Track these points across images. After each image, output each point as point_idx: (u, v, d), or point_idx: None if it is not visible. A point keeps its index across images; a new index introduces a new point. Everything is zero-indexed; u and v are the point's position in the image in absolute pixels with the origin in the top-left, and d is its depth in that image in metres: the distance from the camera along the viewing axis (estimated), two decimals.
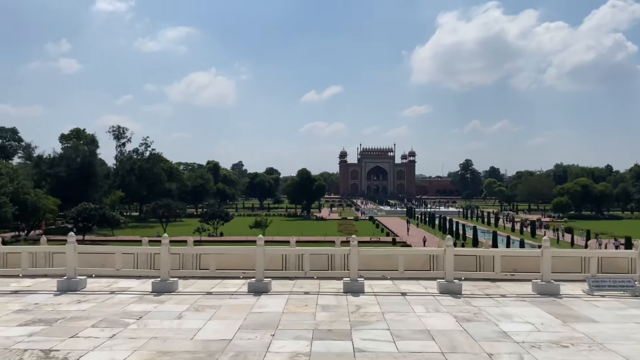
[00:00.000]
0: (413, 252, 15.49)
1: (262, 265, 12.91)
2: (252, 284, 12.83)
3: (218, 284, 13.53)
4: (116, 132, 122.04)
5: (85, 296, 11.86)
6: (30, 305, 10.82)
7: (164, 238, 12.98)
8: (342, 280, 12.99)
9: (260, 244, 13.36)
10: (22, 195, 77.68)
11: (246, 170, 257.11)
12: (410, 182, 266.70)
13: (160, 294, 12.23)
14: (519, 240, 60.40)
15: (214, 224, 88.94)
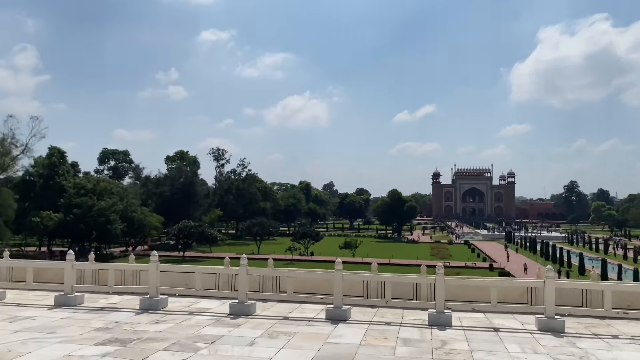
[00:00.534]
0: (508, 283, 13.89)
1: (340, 291, 12.29)
2: (329, 311, 12.24)
3: (297, 308, 13.11)
4: (216, 153, 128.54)
5: (165, 316, 11.94)
6: (111, 323, 11.05)
7: (242, 259, 12.80)
8: (427, 312, 12.03)
9: (338, 269, 12.70)
10: (130, 213, 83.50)
11: (337, 190, 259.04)
12: (509, 205, 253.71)
13: (237, 317, 12.01)
14: (632, 269, 54.58)
15: (305, 243, 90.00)
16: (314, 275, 14.70)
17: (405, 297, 13.81)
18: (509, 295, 13.76)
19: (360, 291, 14.35)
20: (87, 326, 10.64)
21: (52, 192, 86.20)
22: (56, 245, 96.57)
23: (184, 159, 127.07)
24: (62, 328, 10.63)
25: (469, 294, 13.65)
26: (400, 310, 13.02)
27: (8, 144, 75.54)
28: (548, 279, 11.97)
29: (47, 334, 10.15)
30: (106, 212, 78.41)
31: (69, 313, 12.05)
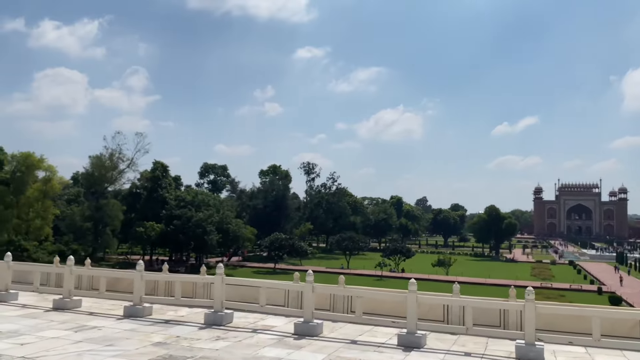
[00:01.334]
0: (614, 314, 11.78)
1: (414, 315, 11.20)
2: (402, 336, 11.16)
3: (367, 331, 12.18)
4: (306, 167, 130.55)
5: (227, 332, 11.53)
6: (171, 338, 10.82)
7: (308, 275, 12.13)
8: (515, 343, 10.57)
9: (412, 289, 11.58)
10: (225, 225, 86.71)
11: (430, 206, 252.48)
12: (620, 223, 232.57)
13: (301, 338, 11.28)
14: None
15: (395, 260, 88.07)
16: (385, 297, 13.47)
17: (491, 324, 12.33)
18: (616, 328, 11.79)
19: (440, 315, 13.04)
20: (146, 340, 10.48)
21: (156, 203, 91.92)
22: (158, 255, 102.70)
23: (277, 173, 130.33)
24: (122, 340, 10.56)
25: (566, 324, 11.89)
26: (485, 339, 11.63)
27: (116, 159, 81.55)
28: None
29: (105, 346, 10.11)
30: (203, 224, 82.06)
31: (134, 324, 12.03)
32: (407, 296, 11.50)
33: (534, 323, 10.56)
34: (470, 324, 11.45)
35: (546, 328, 11.74)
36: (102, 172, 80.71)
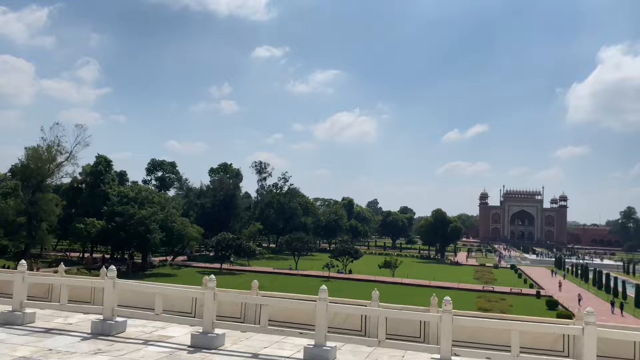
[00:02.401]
0: (534, 327, 10.93)
1: (323, 326, 10.28)
2: (308, 350, 10.17)
3: (276, 343, 11.29)
4: (258, 167, 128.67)
5: (112, 344, 10.30)
6: (41, 351, 9.45)
7: (210, 280, 11.08)
8: (430, 356, 9.97)
9: (322, 297, 10.57)
10: (169, 223, 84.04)
11: (381, 208, 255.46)
12: (560, 229, 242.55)
13: (197, 351, 10.15)
14: None
15: (344, 261, 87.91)
16: (295, 305, 12.44)
17: (411, 335, 11.71)
18: (540, 341, 11.47)
19: (358, 326, 12.28)
20: (8, 354, 9.08)
21: (97, 199, 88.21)
22: (99, 252, 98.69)
23: (228, 172, 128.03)
24: None
25: (489, 337, 11.40)
26: (402, 352, 10.95)
27: (54, 151, 77.54)
28: (588, 325, 9.33)
29: None
30: (146, 221, 79.20)
31: (4, 334, 10.58)
32: (317, 304, 10.55)
33: (450, 336, 9.90)
34: (383, 336, 10.62)
35: (470, 340, 11.24)
36: (38, 164, 76.49)
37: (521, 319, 11.88)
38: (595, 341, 9.30)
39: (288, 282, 71.53)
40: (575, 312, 11.08)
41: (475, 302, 58.61)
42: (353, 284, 72.80)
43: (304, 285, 69.40)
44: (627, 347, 11.16)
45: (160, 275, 76.08)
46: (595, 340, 9.30)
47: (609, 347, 10.79)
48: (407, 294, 64.51)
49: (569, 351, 11.55)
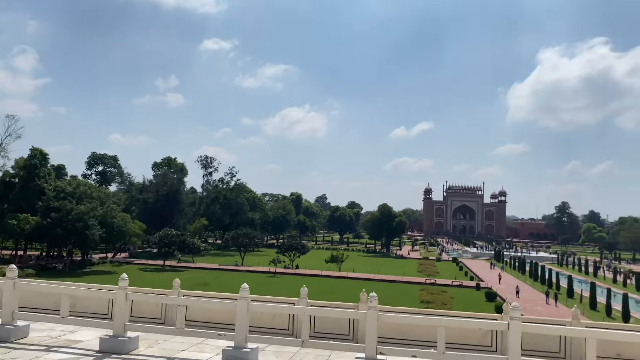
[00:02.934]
0: (461, 323, 10.79)
1: (244, 326, 9.67)
2: (227, 352, 9.57)
3: (196, 345, 10.69)
4: (204, 161, 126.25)
5: (10, 352, 9.42)
6: None
7: (122, 279, 10.40)
8: (355, 357, 9.65)
9: (243, 296, 9.95)
10: (109, 219, 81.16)
11: (329, 203, 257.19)
12: (499, 224, 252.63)
13: (106, 356, 9.46)
14: (622, 293, 53.00)
15: (291, 256, 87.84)
16: (215, 305, 11.71)
17: (340, 333, 11.50)
18: (469, 336, 11.41)
19: (285, 324, 11.90)
20: None
21: (32, 194, 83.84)
22: (34, 250, 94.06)
23: (171, 166, 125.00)
24: None
25: (417, 333, 11.29)
26: (328, 352, 10.69)
27: None
28: (513, 320, 9.23)
29: None
30: (84, 217, 76.12)
31: None
32: (237, 303, 9.95)
33: (375, 334, 9.57)
34: (306, 336, 10.16)
35: (401, 337, 11.19)
36: None
37: (449, 315, 11.95)
38: (520, 336, 9.27)
39: (233, 279, 70.71)
40: (504, 306, 10.96)
41: (418, 294, 60.04)
42: (299, 279, 72.79)
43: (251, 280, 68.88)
44: (553, 341, 11.29)
45: (100, 273, 73.45)
46: (520, 335, 9.28)
47: (536, 342, 10.93)
48: (353, 288, 65.19)
49: (497, 346, 11.56)
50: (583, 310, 54.69)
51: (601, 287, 64.57)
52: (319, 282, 70.24)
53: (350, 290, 62.87)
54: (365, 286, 67.32)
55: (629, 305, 48.23)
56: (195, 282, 64.42)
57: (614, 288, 73.34)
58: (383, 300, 42.05)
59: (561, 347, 11.23)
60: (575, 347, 11.05)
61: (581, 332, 10.52)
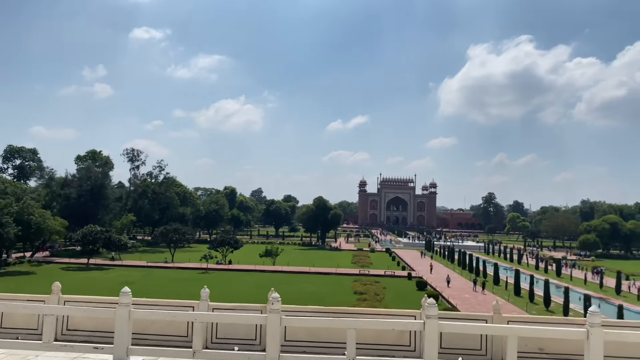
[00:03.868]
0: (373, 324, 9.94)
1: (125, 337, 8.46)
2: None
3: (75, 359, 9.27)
4: (130, 154, 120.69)
5: None
6: None
7: None
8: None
9: (124, 302, 8.71)
10: (26, 216, 75.71)
11: (265, 197, 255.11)
12: (430, 214, 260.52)
13: None
14: (543, 279, 55.50)
15: (223, 251, 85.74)
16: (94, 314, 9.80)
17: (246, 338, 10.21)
18: (384, 336, 10.58)
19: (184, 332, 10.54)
20: None
21: None
22: None
23: (96, 160, 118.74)
24: None
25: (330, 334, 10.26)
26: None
27: None
28: (429, 319, 8.60)
29: None
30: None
31: None
32: (117, 311, 8.66)
33: (278, 340, 8.73)
34: (199, 345, 8.97)
35: (312, 340, 10.21)
36: None
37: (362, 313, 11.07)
38: (437, 336, 8.74)
39: (163, 276, 68.08)
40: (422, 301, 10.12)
41: (352, 286, 60.17)
42: (232, 275, 71.29)
43: (182, 277, 66.55)
44: (474, 338, 10.71)
45: (16, 274, 68.42)
46: (437, 335, 8.74)
47: (456, 339, 10.30)
48: (286, 281, 64.54)
49: (415, 346, 10.93)
50: (508, 296, 56.83)
51: (525, 274, 67.47)
52: (252, 277, 68.94)
53: (283, 284, 62.08)
54: (300, 279, 67.01)
55: (549, 291, 50.48)
56: (121, 281, 61.31)
57: (537, 274, 77.16)
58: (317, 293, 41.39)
59: (482, 344, 10.63)
60: (497, 344, 10.49)
61: (501, 330, 10.01)
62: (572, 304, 48.79)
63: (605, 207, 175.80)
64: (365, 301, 49.03)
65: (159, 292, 53.53)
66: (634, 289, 64.68)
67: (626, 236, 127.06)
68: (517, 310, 48.63)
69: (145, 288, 56.59)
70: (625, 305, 49.63)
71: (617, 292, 61.92)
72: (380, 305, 46.96)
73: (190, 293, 54.47)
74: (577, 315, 45.44)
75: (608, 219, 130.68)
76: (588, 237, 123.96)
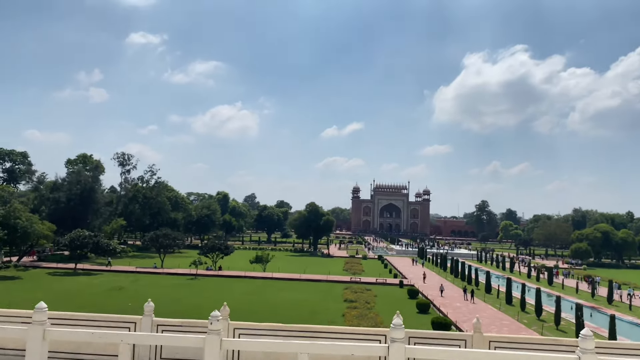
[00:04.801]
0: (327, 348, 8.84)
1: None
2: None
3: None
4: (121, 158, 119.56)
5: None
6: None
7: None
8: None
9: (38, 320, 7.74)
10: (12, 220, 74.57)
11: (259, 202, 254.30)
12: (424, 221, 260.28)
13: None
14: (535, 288, 54.94)
15: (213, 257, 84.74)
16: None
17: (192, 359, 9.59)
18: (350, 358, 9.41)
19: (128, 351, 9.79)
20: None
21: None
22: None
23: (87, 163, 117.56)
24: None
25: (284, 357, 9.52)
26: None
27: None
28: (394, 342, 8.08)
29: None
30: None
31: None
32: (28, 331, 7.70)
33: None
34: None
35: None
36: None
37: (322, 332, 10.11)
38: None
39: (152, 282, 67.03)
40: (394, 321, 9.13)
41: (342, 293, 59.42)
42: (222, 281, 70.36)
43: (171, 283, 65.58)
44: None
45: (2, 279, 67.14)
46: None
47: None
48: (277, 288, 63.73)
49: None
50: (500, 305, 56.26)
51: (517, 282, 67.01)
52: (241, 284, 68.06)
53: (273, 291, 61.31)
54: (290, 286, 66.19)
55: (541, 300, 49.99)
56: (109, 287, 60.39)
57: (529, 283, 76.76)
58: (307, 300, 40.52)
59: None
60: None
61: (481, 356, 9.14)
62: (564, 313, 48.30)
63: (597, 216, 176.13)
64: (356, 309, 48.32)
65: (145, 298, 52.49)
66: (626, 298, 64.35)
67: (618, 245, 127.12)
68: (508, 319, 48.07)
69: (133, 293, 55.65)
70: (617, 315, 49.26)
71: (609, 302, 61.52)
72: (370, 313, 46.26)
73: (176, 299, 53.66)
74: (569, 324, 44.94)
75: (600, 228, 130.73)
76: (580, 246, 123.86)
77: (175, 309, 46.37)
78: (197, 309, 46.89)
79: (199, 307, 48.39)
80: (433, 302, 56.07)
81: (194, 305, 49.21)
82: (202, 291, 60.08)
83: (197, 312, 45.11)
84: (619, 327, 39.81)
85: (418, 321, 45.34)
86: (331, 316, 45.49)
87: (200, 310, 46.13)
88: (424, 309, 50.79)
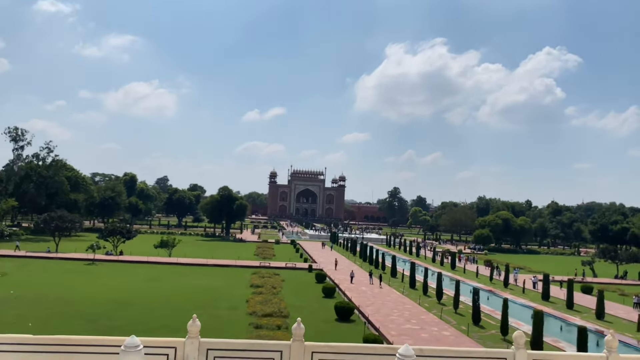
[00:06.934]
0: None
1: None
2: None
3: None
4: (13, 133, 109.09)
5: None
6: None
7: None
8: None
9: None
10: None
11: (171, 185, 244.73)
12: (339, 207, 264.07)
13: None
14: (437, 272, 56.42)
15: (114, 241, 79.60)
16: None
17: None
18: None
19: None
20: None
21: None
22: None
23: None
24: None
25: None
26: None
27: None
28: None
29: None
30: None
31: None
32: None
33: None
34: None
35: None
36: None
37: None
38: None
39: (43, 267, 61.54)
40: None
41: (250, 278, 57.73)
42: (122, 267, 66.08)
43: (66, 269, 60.58)
44: None
45: None
46: None
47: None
48: (181, 274, 60.84)
49: None
50: (404, 288, 57.16)
51: (421, 267, 68.65)
52: (143, 269, 64.26)
53: (176, 277, 58.40)
54: (196, 271, 63.42)
55: (442, 284, 51.18)
56: None
57: (433, 267, 79.18)
58: (212, 286, 37.99)
59: None
60: None
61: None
62: (463, 297, 49.76)
63: (499, 203, 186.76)
64: (261, 295, 46.82)
65: (31, 285, 47.93)
66: (520, 281, 68.02)
67: (516, 231, 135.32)
68: (410, 303, 48.73)
69: (18, 280, 50.61)
70: (510, 297, 51.62)
71: (505, 285, 64.63)
72: (275, 299, 44.94)
73: (70, 286, 49.34)
74: (466, 308, 46.23)
75: (501, 215, 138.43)
76: (482, 232, 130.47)
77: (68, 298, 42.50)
78: (90, 299, 43.31)
79: (97, 293, 44.70)
80: (339, 286, 55.86)
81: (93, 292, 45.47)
82: (100, 277, 55.93)
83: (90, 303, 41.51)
84: (512, 309, 41.41)
85: (322, 305, 44.71)
86: (234, 302, 43.71)
87: (94, 302, 42.50)
88: (329, 294, 50.35)
